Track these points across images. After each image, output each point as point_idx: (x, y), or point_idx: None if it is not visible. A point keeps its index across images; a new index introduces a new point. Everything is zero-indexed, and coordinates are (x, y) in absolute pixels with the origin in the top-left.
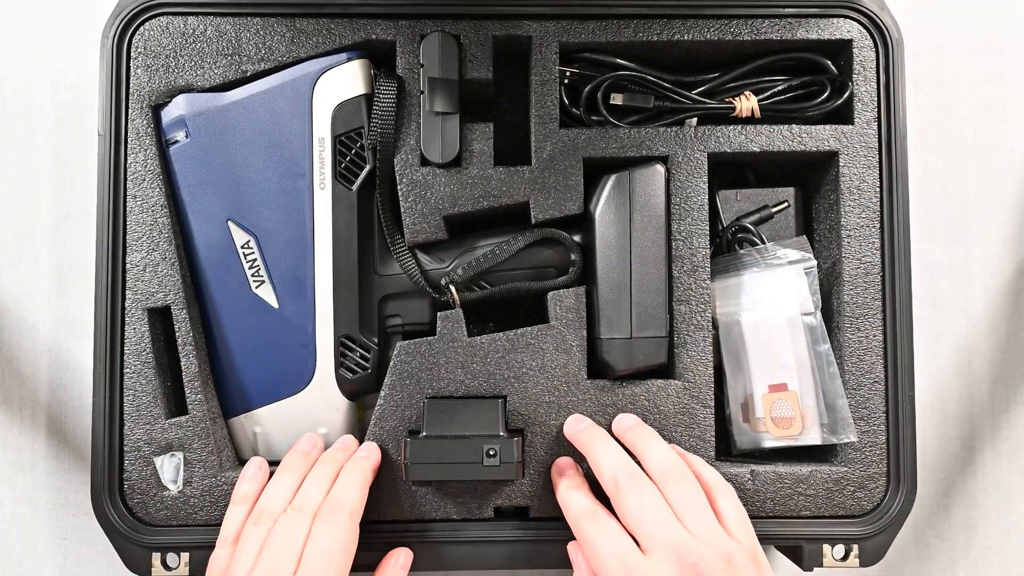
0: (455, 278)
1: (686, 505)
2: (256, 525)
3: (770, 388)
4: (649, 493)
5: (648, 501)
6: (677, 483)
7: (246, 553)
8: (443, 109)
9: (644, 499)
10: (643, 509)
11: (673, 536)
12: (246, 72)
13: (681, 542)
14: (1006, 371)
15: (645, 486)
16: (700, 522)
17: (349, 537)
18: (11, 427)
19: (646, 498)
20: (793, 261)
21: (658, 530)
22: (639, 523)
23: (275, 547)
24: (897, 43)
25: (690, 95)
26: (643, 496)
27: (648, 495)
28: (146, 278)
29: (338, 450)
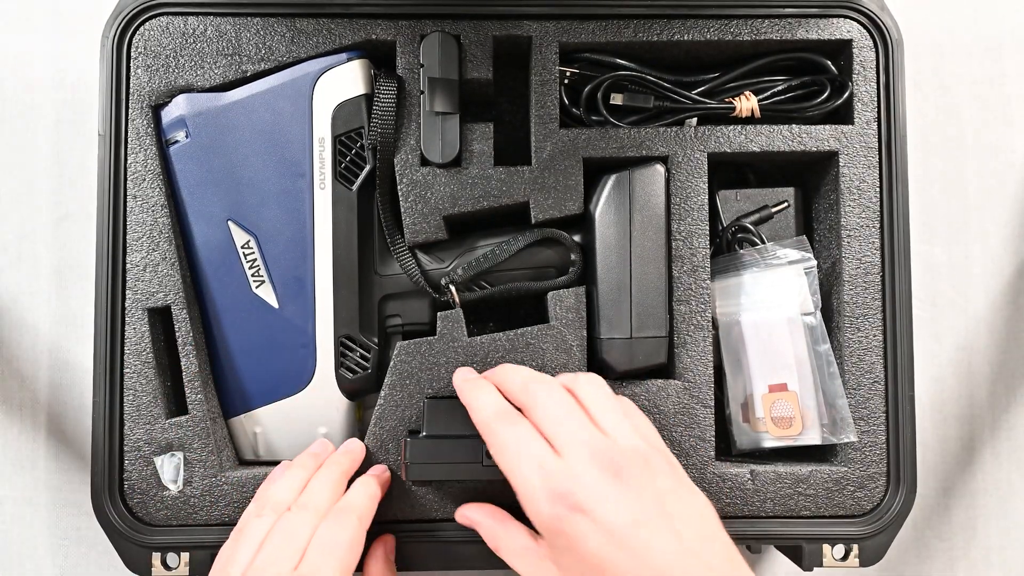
0: (455, 278)
1: (596, 410)
2: (259, 517)
3: (770, 388)
4: (556, 401)
5: (558, 410)
6: (586, 386)
7: (247, 544)
8: (443, 109)
9: (552, 409)
10: (551, 417)
11: (588, 436)
12: (246, 72)
13: (596, 441)
14: (1006, 371)
15: (544, 406)
16: (612, 424)
17: (356, 539)
18: (11, 427)
19: (554, 409)
20: (793, 261)
21: (572, 432)
22: (551, 429)
23: (277, 540)
24: (897, 43)
25: (690, 95)
26: (551, 405)
27: (555, 402)
28: (146, 278)
29: (344, 454)
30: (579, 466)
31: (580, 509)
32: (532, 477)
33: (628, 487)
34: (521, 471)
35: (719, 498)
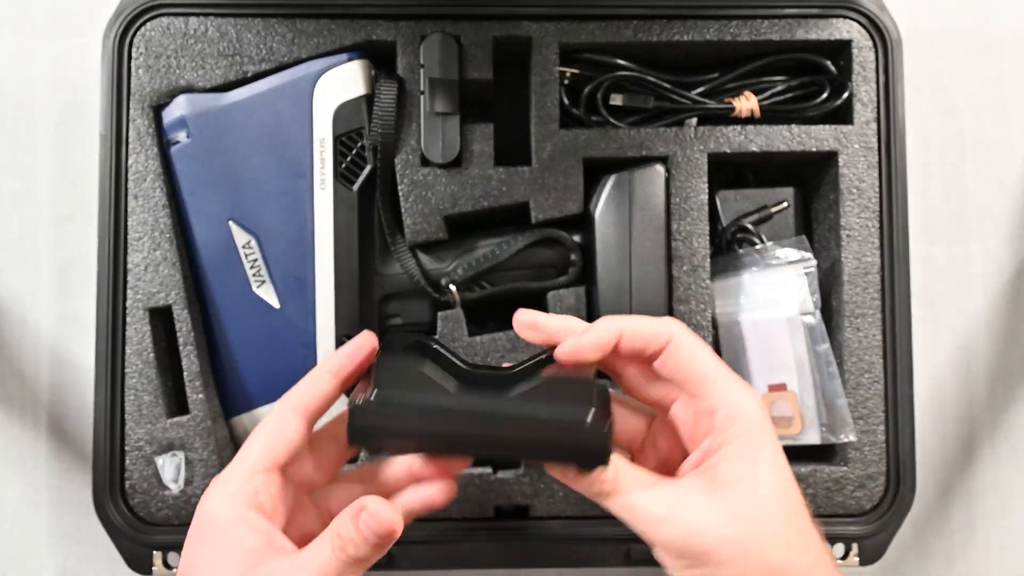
0: (455, 278)
1: None
2: None
3: (769, 388)
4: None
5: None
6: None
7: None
8: (443, 109)
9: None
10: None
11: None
12: (247, 72)
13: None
14: (1005, 371)
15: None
16: None
17: (275, 420)
18: (12, 427)
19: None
20: (792, 261)
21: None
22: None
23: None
24: (896, 43)
25: (690, 95)
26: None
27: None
28: (147, 278)
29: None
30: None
31: (771, 426)
32: (739, 383)
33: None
34: (728, 373)
35: None
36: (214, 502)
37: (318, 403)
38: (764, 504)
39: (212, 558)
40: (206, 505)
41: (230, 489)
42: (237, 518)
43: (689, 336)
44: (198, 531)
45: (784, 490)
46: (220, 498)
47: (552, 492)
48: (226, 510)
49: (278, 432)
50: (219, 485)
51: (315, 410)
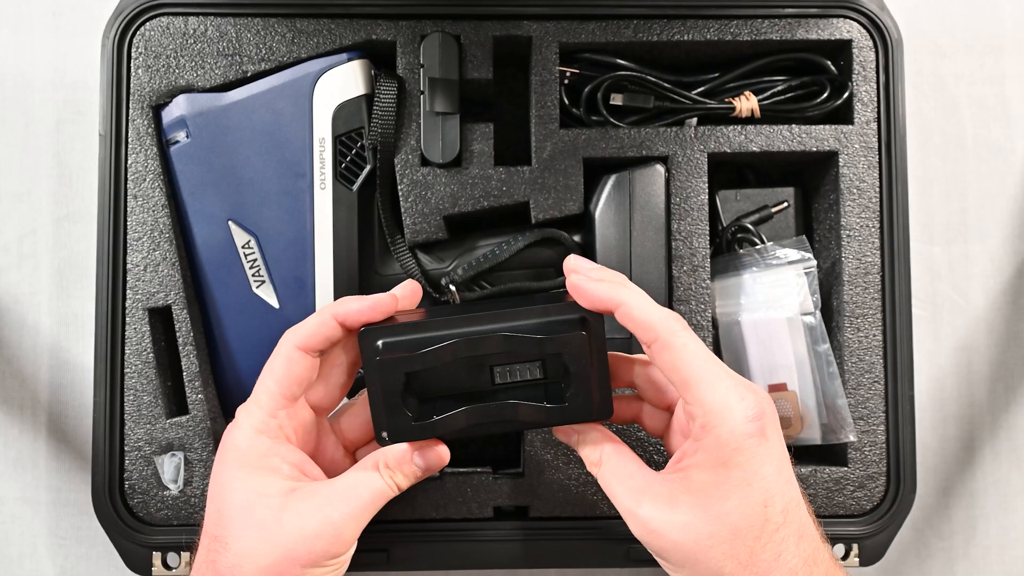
0: (455, 278)
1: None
2: None
3: (769, 388)
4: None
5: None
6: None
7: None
8: (443, 109)
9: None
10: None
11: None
12: (247, 72)
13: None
14: (1006, 371)
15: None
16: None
17: (283, 356)
18: (11, 427)
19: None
20: (793, 261)
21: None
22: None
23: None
24: (897, 43)
25: (690, 95)
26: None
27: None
28: (147, 278)
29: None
30: (759, 393)
31: (767, 436)
32: (727, 389)
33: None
34: (713, 381)
35: None
36: (243, 436)
37: (322, 343)
38: (722, 519)
39: (251, 486)
40: (235, 439)
41: (256, 424)
42: (268, 450)
43: (678, 338)
44: (232, 463)
45: (748, 512)
46: (248, 432)
47: (552, 492)
48: (257, 443)
49: (289, 370)
50: (245, 419)
51: (320, 349)
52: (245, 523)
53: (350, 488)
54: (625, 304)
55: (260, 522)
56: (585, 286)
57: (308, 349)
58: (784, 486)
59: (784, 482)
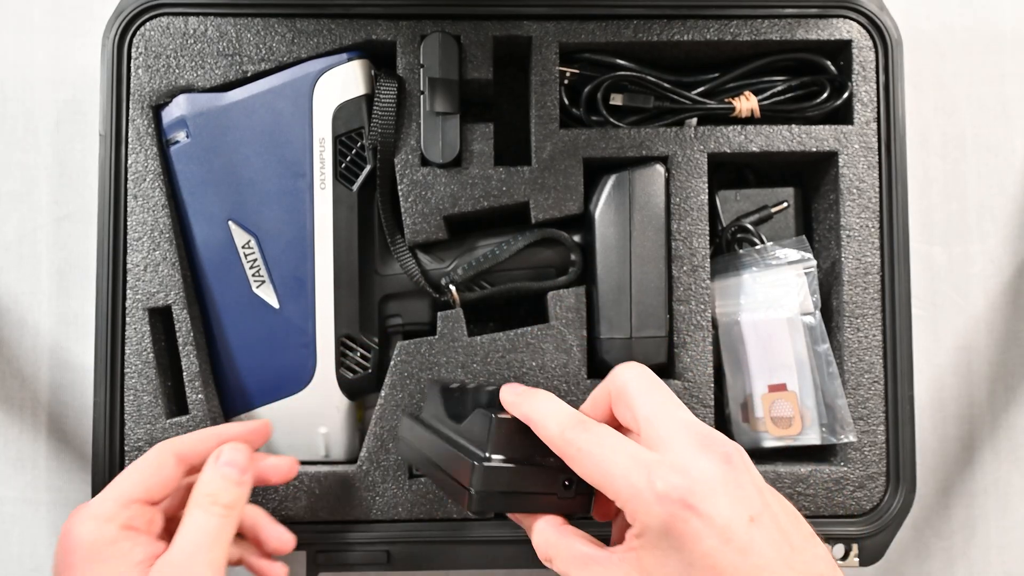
0: (455, 278)
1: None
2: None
3: (769, 388)
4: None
5: (642, 398)
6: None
7: None
8: (443, 109)
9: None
10: (638, 406)
11: (685, 417)
12: (247, 72)
13: (694, 423)
14: (1006, 371)
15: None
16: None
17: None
18: (12, 427)
19: (637, 397)
20: (793, 261)
21: (666, 416)
22: (640, 421)
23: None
24: (896, 43)
25: (690, 95)
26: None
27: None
28: (147, 278)
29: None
30: (685, 455)
31: (692, 506)
32: (631, 476)
33: (739, 477)
34: (616, 474)
35: None
36: (87, 528)
37: (199, 459)
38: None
39: (97, 574)
40: (79, 532)
41: (101, 514)
42: (118, 536)
43: (571, 447)
44: (76, 555)
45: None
46: (93, 524)
47: None
48: (103, 532)
49: (157, 472)
50: (88, 513)
51: (194, 464)
52: None
53: (185, 544)
54: (530, 420)
55: None
56: (505, 402)
57: (181, 457)
58: (736, 555)
59: (736, 551)
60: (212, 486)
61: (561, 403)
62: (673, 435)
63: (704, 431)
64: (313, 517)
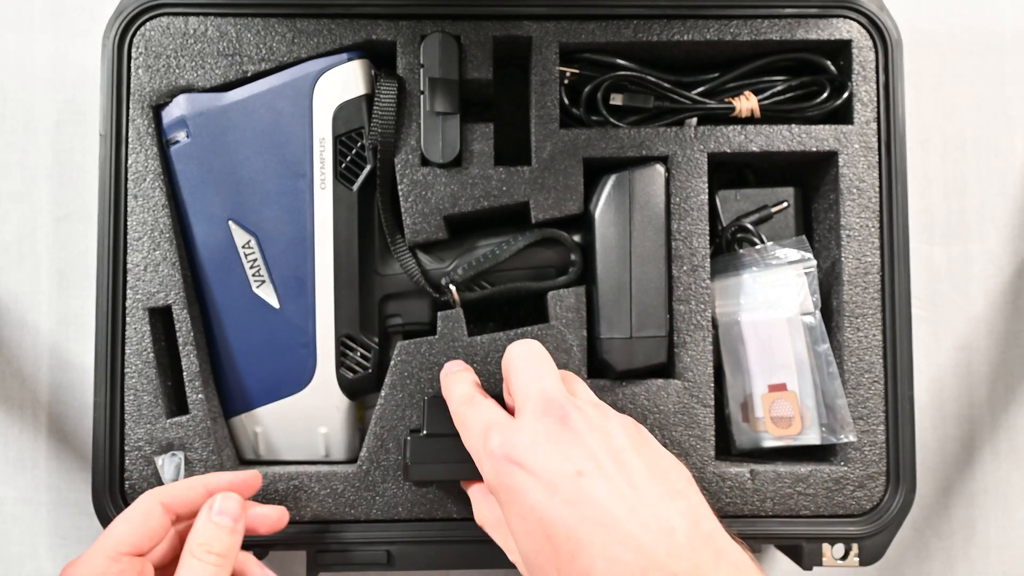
0: (455, 278)
1: (578, 387)
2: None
3: (769, 388)
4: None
5: (527, 370)
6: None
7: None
8: (443, 109)
9: (522, 371)
10: (518, 378)
11: (543, 386)
12: (247, 72)
13: (552, 391)
14: (1006, 371)
15: (517, 370)
16: (584, 393)
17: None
18: (11, 427)
19: (524, 371)
20: (793, 261)
21: (528, 383)
22: (516, 391)
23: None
24: (896, 43)
25: (690, 95)
26: (523, 368)
27: (527, 365)
28: (147, 278)
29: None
30: (524, 418)
31: (516, 462)
32: (477, 439)
33: (575, 436)
34: (469, 437)
35: (719, 497)
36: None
37: (186, 509)
38: (528, 559)
39: None
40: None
41: (99, 567)
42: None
43: (461, 424)
44: None
45: (536, 547)
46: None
47: None
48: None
49: (145, 523)
50: (87, 565)
51: (182, 513)
52: None
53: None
54: (445, 398)
55: None
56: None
57: (168, 507)
58: (564, 506)
59: (562, 503)
60: (206, 535)
61: (466, 383)
62: (524, 403)
63: (550, 397)
64: (313, 517)
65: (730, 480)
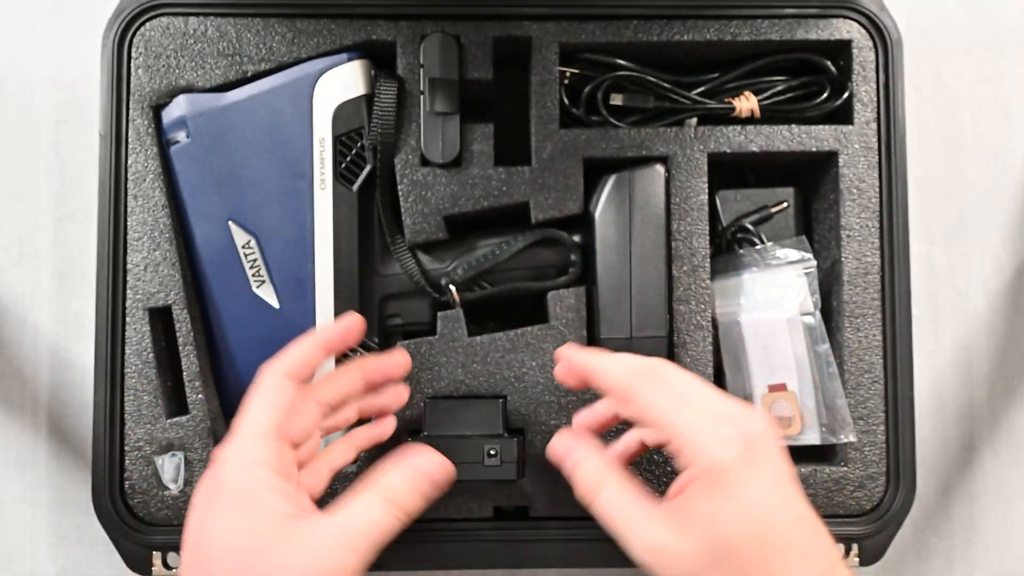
0: (455, 278)
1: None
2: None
3: (769, 388)
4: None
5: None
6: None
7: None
8: (443, 109)
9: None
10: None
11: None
12: (247, 72)
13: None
14: (1006, 371)
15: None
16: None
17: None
18: (11, 427)
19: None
20: (793, 261)
21: (716, 396)
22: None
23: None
24: (896, 43)
25: (690, 95)
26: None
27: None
28: (147, 278)
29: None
30: (754, 414)
31: (751, 456)
32: (701, 419)
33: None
34: (691, 413)
35: None
36: (233, 471)
37: (307, 371)
38: (722, 549)
39: (242, 526)
40: (224, 475)
41: (248, 458)
42: (262, 484)
43: (640, 387)
44: (220, 501)
45: (745, 540)
46: (238, 467)
47: (552, 492)
48: (249, 477)
49: (280, 398)
50: (233, 455)
51: (305, 377)
52: (237, 568)
53: (358, 526)
54: (589, 372)
55: (253, 565)
56: (568, 355)
57: (294, 376)
58: (782, 506)
59: (781, 501)
60: (402, 491)
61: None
62: (740, 403)
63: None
64: None
65: None
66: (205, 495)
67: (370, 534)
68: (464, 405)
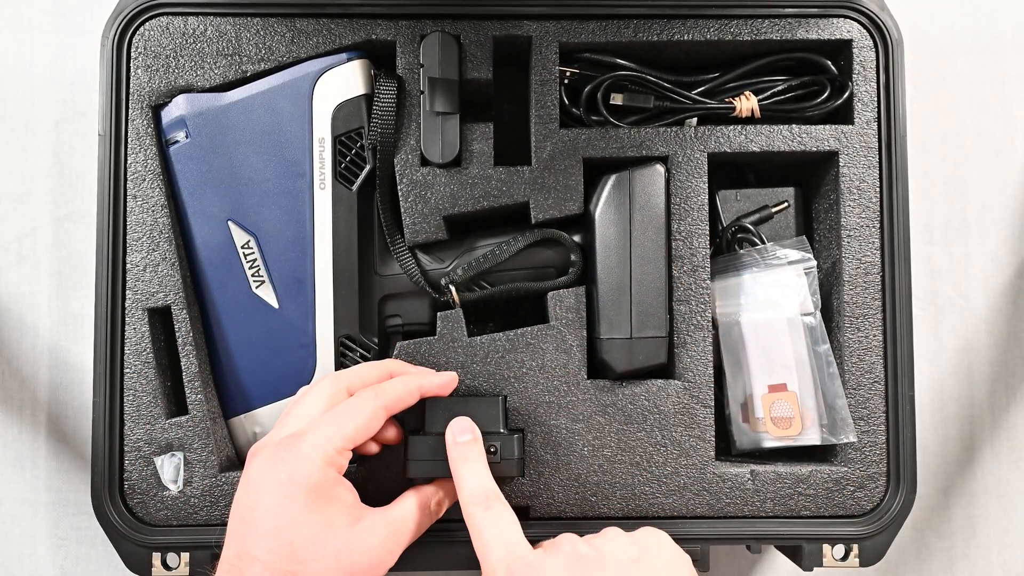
0: (455, 278)
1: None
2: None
3: (770, 388)
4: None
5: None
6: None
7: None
8: (443, 109)
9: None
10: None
11: (581, 549)
12: (246, 72)
13: (584, 546)
14: (1006, 371)
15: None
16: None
17: (367, 412)
18: (11, 427)
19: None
20: (793, 261)
21: (566, 541)
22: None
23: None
24: (897, 43)
25: (690, 95)
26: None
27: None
28: (146, 278)
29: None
30: (550, 560)
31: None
32: (495, 565)
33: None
34: (486, 555)
35: (719, 498)
36: (313, 468)
37: (397, 409)
38: None
39: (324, 518)
40: (304, 471)
41: (326, 458)
42: (335, 481)
43: (473, 519)
44: (303, 495)
45: None
46: (320, 464)
47: (552, 492)
48: (325, 475)
49: (370, 424)
50: (318, 452)
51: (391, 413)
52: (321, 554)
53: (405, 520)
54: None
55: (336, 553)
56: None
57: (387, 410)
58: None
59: None
60: (432, 494)
61: (479, 470)
62: (559, 548)
63: (589, 555)
64: None
65: (730, 481)
66: (287, 485)
67: (413, 530)
68: (464, 403)
